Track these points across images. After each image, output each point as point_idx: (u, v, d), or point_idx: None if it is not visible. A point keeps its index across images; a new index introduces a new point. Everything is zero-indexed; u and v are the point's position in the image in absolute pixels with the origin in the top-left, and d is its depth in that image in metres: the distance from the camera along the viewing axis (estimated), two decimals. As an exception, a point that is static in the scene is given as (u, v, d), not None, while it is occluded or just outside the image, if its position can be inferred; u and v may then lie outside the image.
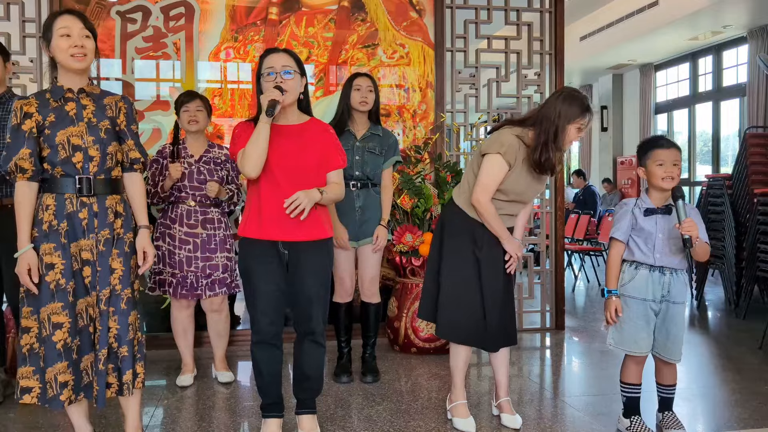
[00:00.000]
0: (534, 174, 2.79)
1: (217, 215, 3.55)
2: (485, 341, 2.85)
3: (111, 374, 2.42)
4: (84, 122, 2.39)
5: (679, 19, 8.07)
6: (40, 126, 2.36)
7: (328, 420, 2.99)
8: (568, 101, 2.68)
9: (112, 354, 2.41)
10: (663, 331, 2.74)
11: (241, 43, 4.46)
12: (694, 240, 2.56)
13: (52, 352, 2.32)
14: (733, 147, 9.33)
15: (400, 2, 4.66)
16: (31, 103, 2.38)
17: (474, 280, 2.81)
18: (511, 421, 2.91)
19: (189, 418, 3.06)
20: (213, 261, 3.50)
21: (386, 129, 3.73)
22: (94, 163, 2.38)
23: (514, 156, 2.72)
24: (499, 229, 2.79)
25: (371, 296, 3.66)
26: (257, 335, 2.64)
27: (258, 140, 2.48)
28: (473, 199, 2.77)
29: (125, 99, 2.53)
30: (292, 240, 2.58)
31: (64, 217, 2.35)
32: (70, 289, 2.34)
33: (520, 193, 2.83)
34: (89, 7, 4.23)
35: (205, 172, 3.50)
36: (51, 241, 2.34)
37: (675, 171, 2.66)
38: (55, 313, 2.32)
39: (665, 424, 2.84)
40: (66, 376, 2.34)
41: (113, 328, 2.40)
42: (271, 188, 2.56)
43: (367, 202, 3.56)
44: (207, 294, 3.50)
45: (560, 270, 4.95)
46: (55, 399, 2.34)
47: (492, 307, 2.80)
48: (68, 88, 2.41)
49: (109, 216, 2.41)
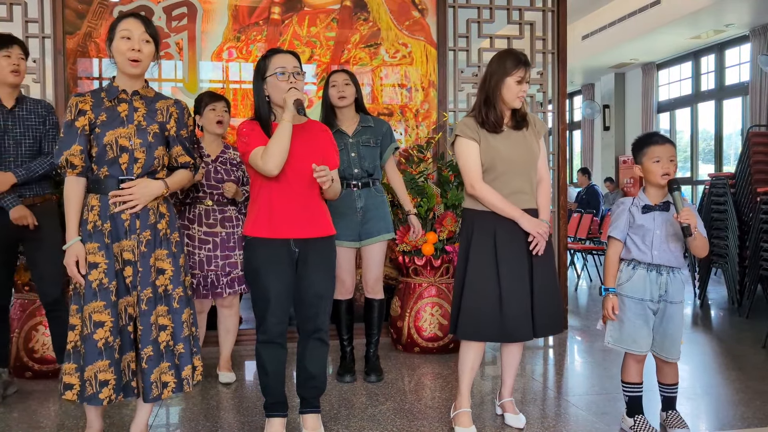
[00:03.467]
0: (513, 135, 2.76)
1: (235, 213, 3.57)
2: (504, 332, 2.71)
3: (167, 372, 2.45)
4: (134, 124, 2.44)
5: (681, 18, 8.07)
6: (92, 124, 2.42)
7: (332, 419, 2.99)
8: (501, 58, 2.75)
9: (168, 352, 2.45)
10: (660, 330, 2.75)
11: (243, 42, 4.46)
12: (693, 228, 2.57)
13: (92, 350, 2.35)
14: (735, 146, 9.32)
15: (402, 1, 4.66)
16: (86, 101, 2.44)
17: (492, 272, 2.71)
18: (515, 421, 2.90)
19: (193, 417, 3.07)
20: (232, 259, 3.51)
21: (377, 118, 3.71)
22: (139, 165, 2.43)
23: (474, 130, 2.74)
24: (508, 209, 2.70)
25: (375, 293, 3.66)
26: (264, 335, 2.64)
27: (282, 139, 2.50)
28: (468, 190, 2.77)
29: (178, 104, 2.57)
30: (304, 237, 2.60)
31: (107, 218, 2.40)
32: (112, 288, 2.38)
33: (511, 161, 2.74)
34: (92, 7, 4.23)
35: (222, 172, 3.52)
36: (95, 240, 2.39)
37: (671, 167, 2.67)
38: (98, 311, 2.36)
39: (669, 423, 2.84)
40: (107, 374, 2.36)
41: (169, 327, 2.45)
42: (281, 187, 2.58)
43: (369, 202, 3.55)
44: (227, 292, 3.51)
45: (563, 269, 4.94)
46: (95, 397, 2.36)
47: (510, 296, 2.68)
48: (123, 89, 2.46)
49: (150, 217, 2.45)
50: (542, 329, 2.78)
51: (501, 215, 2.71)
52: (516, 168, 2.76)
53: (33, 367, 3.63)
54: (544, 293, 2.76)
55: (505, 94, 2.73)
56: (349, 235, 3.50)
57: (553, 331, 2.87)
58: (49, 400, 3.26)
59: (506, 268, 2.70)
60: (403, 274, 4.31)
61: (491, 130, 2.74)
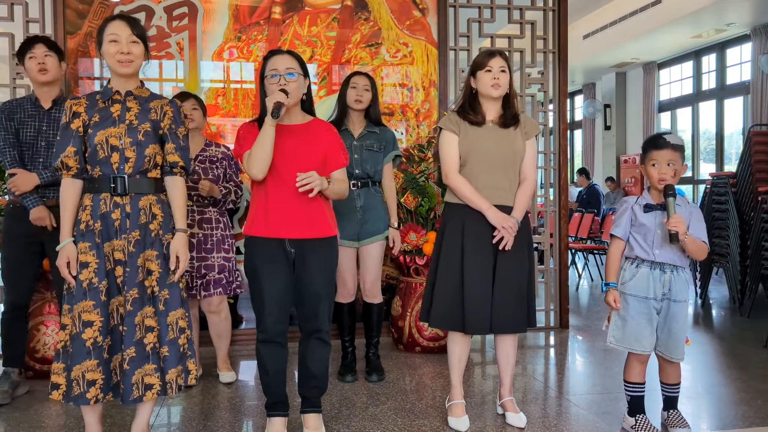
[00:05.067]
0: (497, 131, 2.84)
1: (215, 215, 3.55)
2: (463, 323, 2.79)
3: (152, 375, 2.43)
4: (125, 124, 2.45)
5: (682, 17, 8.06)
6: (85, 125, 2.44)
7: (333, 419, 2.99)
8: (477, 56, 2.91)
9: (154, 354, 2.44)
10: (665, 329, 2.74)
11: (244, 42, 4.46)
12: (681, 237, 2.58)
13: (80, 350, 2.35)
14: (736, 145, 9.31)
15: (403, 1, 4.65)
16: (80, 103, 2.47)
17: (457, 263, 2.80)
18: (516, 420, 2.90)
19: (194, 417, 3.07)
20: (208, 261, 3.49)
21: (383, 126, 3.73)
22: (130, 164, 2.43)
23: (455, 123, 2.85)
24: (477, 200, 2.79)
25: (373, 297, 3.66)
26: (263, 333, 2.64)
27: (264, 143, 2.51)
28: (444, 180, 2.88)
29: (172, 103, 2.57)
30: (300, 237, 2.60)
31: (98, 217, 2.41)
32: (102, 288, 2.38)
33: (488, 156, 2.81)
34: (92, 7, 4.23)
35: (199, 171, 3.51)
36: (86, 240, 2.41)
37: (669, 171, 2.67)
38: (87, 311, 2.36)
39: (670, 423, 2.84)
40: (95, 374, 2.36)
41: (155, 329, 2.44)
42: (277, 187, 2.58)
43: (368, 201, 3.56)
44: (201, 294, 3.49)
45: (564, 269, 4.94)
46: (81, 396, 2.36)
47: (470, 288, 2.76)
48: (117, 90, 2.48)
49: (141, 217, 2.44)
50: (500, 326, 2.82)
51: (472, 209, 2.80)
52: (493, 163, 2.83)
53: (34, 367, 3.63)
54: (506, 290, 2.80)
55: (480, 86, 2.85)
56: (349, 234, 3.51)
57: (513, 330, 2.88)
58: (51, 401, 3.26)
59: (470, 261, 2.79)
60: (404, 274, 4.31)
61: (473, 123, 2.84)
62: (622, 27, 9.17)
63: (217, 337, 3.65)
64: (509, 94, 2.88)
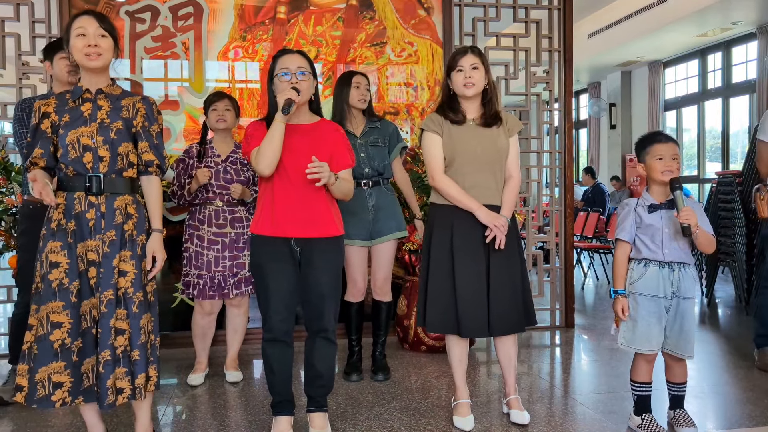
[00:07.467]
0: (479, 131, 2.84)
1: (245, 214, 3.58)
2: (460, 327, 2.79)
3: (123, 378, 2.39)
4: (96, 123, 2.39)
5: (687, 16, 8.04)
6: (55, 126, 2.39)
7: (339, 418, 3.00)
8: (449, 59, 2.93)
9: (125, 357, 2.39)
10: (675, 327, 2.73)
11: (249, 42, 4.47)
12: (693, 228, 2.58)
13: (47, 352, 2.29)
14: (742, 144, 9.29)
15: (408, 0, 4.65)
16: (49, 104, 2.42)
17: (448, 266, 2.79)
18: (520, 417, 2.90)
19: (200, 416, 3.08)
20: (240, 259, 3.52)
21: (383, 119, 3.74)
22: (104, 163, 2.39)
23: (437, 124, 2.85)
24: (466, 200, 2.78)
25: (383, 295, 3.66)
26: (269, 332, 2.65)
27: (273, 139, 2.51)
28: (430, 182, 2.87)
29: (144, 100, 2.52)
30: (306, 236, 2.60)
31: (72, 217, 2.36)
32: (73, 289, 2.33)
33: (473, 155, 2.81)
34: (98, 7, 4.24)
35: (231, 172, 3.53)
36: (58, 239, 2.35)
37: (674, 164, 2.69)
38: (55, 312, 2.31)
39: (677, 422, 2.83)
40: (62, 376, 2.31)
41: (126, 331, 2.39)
42: (284, 186, 2.59)
43: (380, 200, 3.55)
44: (233, 293, 3.53)
45: (570, 268, 4.93)
46: (46, 399, 2.30)
47: (464, 291, 2.75)
48: (87, 88, 2.43)
49: (117, 217, 2.40)
50: (499, 328, 2.81)
51: (460, 209, 2.80)
52: (478, 162, 2.83)
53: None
54: (501, 290, 2.79)
55: (454, 87, 2.86)
56: (360, 234, 3.50)
57: (512, 330, 2.86)
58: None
59: (461, 263, 2.78)
60: (409, 273, 4.31)
61: (454, 122, 2.84)
62: (627, 26, 9.16)
63: (232, 332, 3.66)
64: (487, 89, 2.87)
